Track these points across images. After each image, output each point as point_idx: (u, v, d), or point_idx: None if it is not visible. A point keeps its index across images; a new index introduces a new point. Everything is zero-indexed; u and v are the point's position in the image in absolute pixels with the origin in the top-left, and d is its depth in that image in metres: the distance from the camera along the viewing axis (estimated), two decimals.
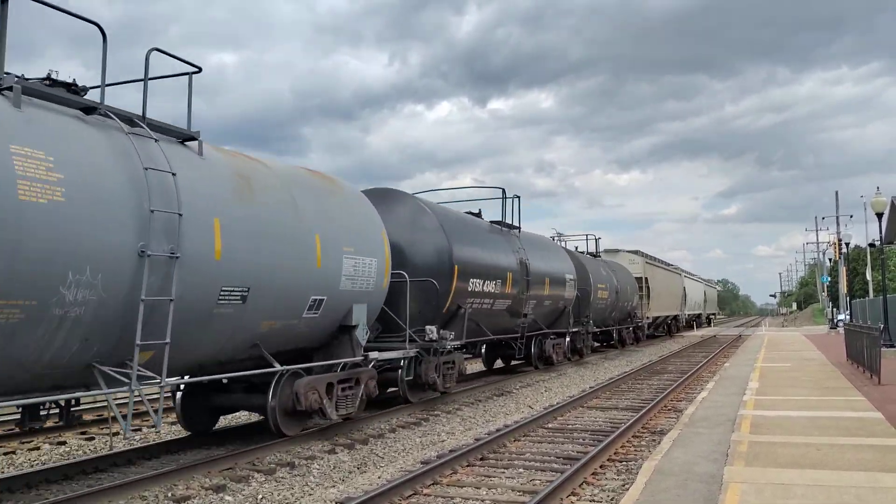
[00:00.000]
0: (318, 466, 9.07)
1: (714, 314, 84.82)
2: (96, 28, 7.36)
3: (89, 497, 7.16)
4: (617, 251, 37.48)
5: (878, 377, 14.86)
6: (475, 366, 23.35)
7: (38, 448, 10.57)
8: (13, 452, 10.25)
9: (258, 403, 10.05)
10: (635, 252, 39.09)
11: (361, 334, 11.16)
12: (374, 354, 11.79)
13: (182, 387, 10.11)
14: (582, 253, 28.85)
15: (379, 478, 8.67)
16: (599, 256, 31.73)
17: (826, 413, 11.05)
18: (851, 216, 74.18)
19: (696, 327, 61.55)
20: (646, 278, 36.54)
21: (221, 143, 10.09)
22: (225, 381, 10.22)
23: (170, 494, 7.58)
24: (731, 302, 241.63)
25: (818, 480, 6.87)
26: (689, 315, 55.12)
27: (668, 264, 50.23)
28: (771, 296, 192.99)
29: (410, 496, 7.65)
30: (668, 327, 46.79)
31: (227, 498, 7.66)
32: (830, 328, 45.63)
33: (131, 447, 10.10)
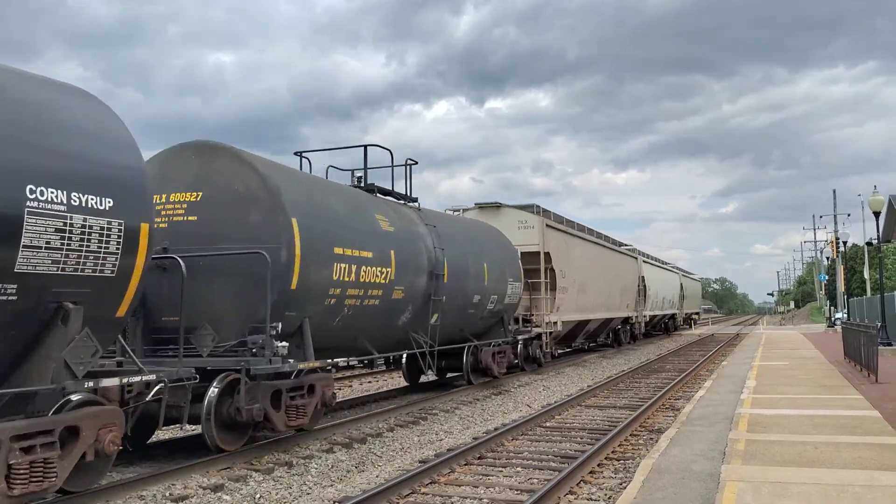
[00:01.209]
0: (316, 466, 9.07)
1: (697, 313, 66.79)
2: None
3: (87, 496, 7.15)
4: (498, 206, 21.80)
5: (875, 375, 14.88)
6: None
7: None
8: None
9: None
10: (529, 209, 22.79)
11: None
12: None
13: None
14: (406, 201, 14.59)
15: (377, 477, 8.67)
16: (460, 212, 21.35)
17: (823, 411, 11.07)
18: (849, 215, 74.39)
19: (669, 330, 48.27)
20: (547, 254, 21.08)
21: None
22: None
23: (168, 494, 7.58)
24: (728, 300, 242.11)
25: (815, 479, 6.88)
26: (651, 316, 39.36)
27: (608, 240, 32.38)
28: (769, 294, 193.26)
29: (408, 495, 7.66)
30: (614, 335, 32.22)
31: (226, 497, 7.66)
32: (828, 326, 45.68)
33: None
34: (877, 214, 26.16)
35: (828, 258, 64.75)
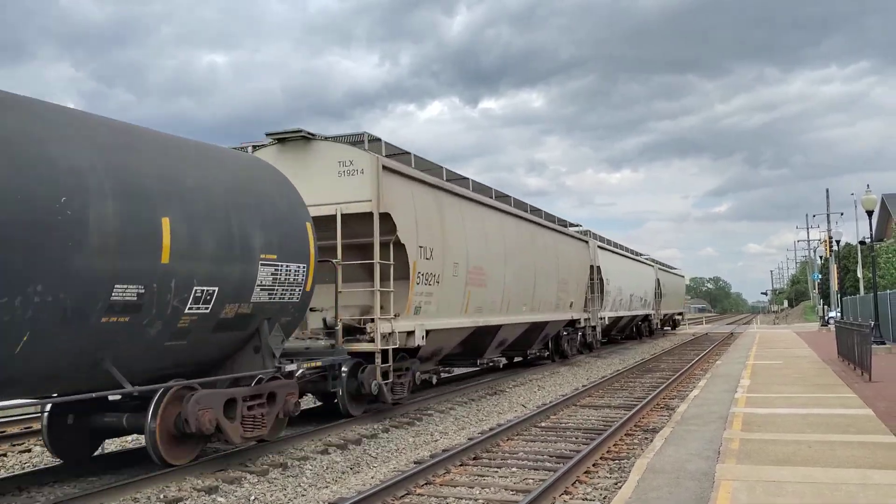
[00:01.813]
0: (310, 467, 9.06)
1: (681, 314, 58.39)
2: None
3: (81, 499, 7.12)
4: (306, 138, 12.49)
5: (868, 374, 14.94)
6: None
7: (29, 450, 10.52)
8: (4, 455, 10.20)
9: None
10: (356, 142, 12.96)
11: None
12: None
13: None
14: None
15: (372, 478, 8.66)
16: (248, 149, 12.71)
17: (817, 410, 11.10)
18: (842, 214, 74.71)
19: (643, 335, 40.31)
20: (387, 216, 12.05)
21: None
22: None
23: (162, 496, 7.55)
24: (723, 300, 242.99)
25: (809, 477, 6.90)
26: (614, 318, 30.67)
27: (540, 215, 21.96)
28: (762, 293, 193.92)
29: (404, 496, 7.65)
30: (555, 345, 23.45)
31: (220, 499, 7.64)
32: (821, 325, 45.86)
33: (123, 449, 10.06)
34: (870, 213, 26.27)
35: (821, 257, 65.00)
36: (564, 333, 23.83)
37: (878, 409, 10.88)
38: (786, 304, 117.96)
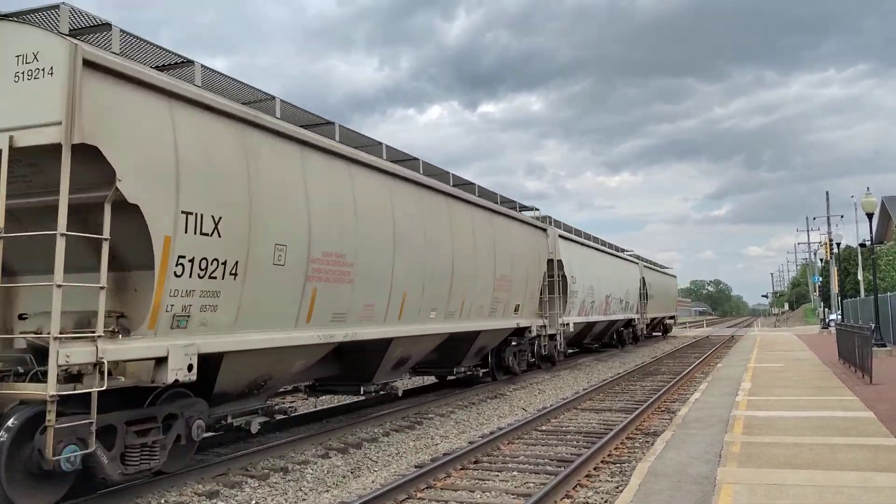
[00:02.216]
0: (311, 471, 9.05)
1: (672, 317, 51.44)
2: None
3: None
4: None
5: (869, 377, 14.92)
6: None
7: None
8: None
9: None
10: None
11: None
12: None
13: None
14: None
15: (373, 482, 8.66)
16: None
17: (818, 413, 11.09)
18: (842, 216, 74.70)
19: (626, 342, 34.73)
20: (91, 149, 6.63)
21: None
22: None
23: (163, 501, 7.56)
24: (723, 302, 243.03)
25: (811, 480, 6.89)
26: (584, 324, 25.45)
27: (476, 192, 16.60)
28: (763, 296, 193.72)
29: (404, 500, 7.64)
30: (496, 362, 18.63)
31: None
32: (822, 328, 45.80)
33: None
34: (870, 216, 26.26)
35: (821, 260, 65.00)
36: (513, 344, 18.90)
37: (879, 412, 10.87)
38: (787, 306, 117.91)
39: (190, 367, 7.49)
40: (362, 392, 12.29)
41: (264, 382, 9.46)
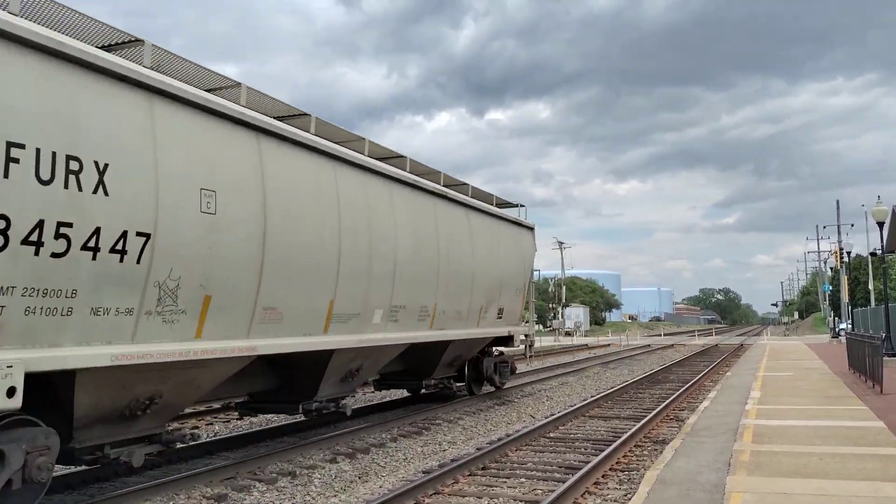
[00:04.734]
0: (319, 476, 9.06)
1: (526, 335, 17.83)
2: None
3: None
4: None
5: (880, 386, 14.82)
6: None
7: None
8: None
9: None
10: None
11: None
12: None
13: None
14: None
15: (380, 487, 8.65)
16: None
17: (828, 422, 11.02)
18: (852, 225, 74.10)
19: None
20: None
21: None
22: None
23: None
24: (733, 311, 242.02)
25: (820, 490, 6.85)
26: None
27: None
28: (772, 305, 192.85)
29: None
30: None
31: None
32: (832, 337, 45.58)
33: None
34: (880, 225, 26.13)
35: (831, 268, 64.65)
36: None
37: (889, 422, 10.79)
38: (796, 315, 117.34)
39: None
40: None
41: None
